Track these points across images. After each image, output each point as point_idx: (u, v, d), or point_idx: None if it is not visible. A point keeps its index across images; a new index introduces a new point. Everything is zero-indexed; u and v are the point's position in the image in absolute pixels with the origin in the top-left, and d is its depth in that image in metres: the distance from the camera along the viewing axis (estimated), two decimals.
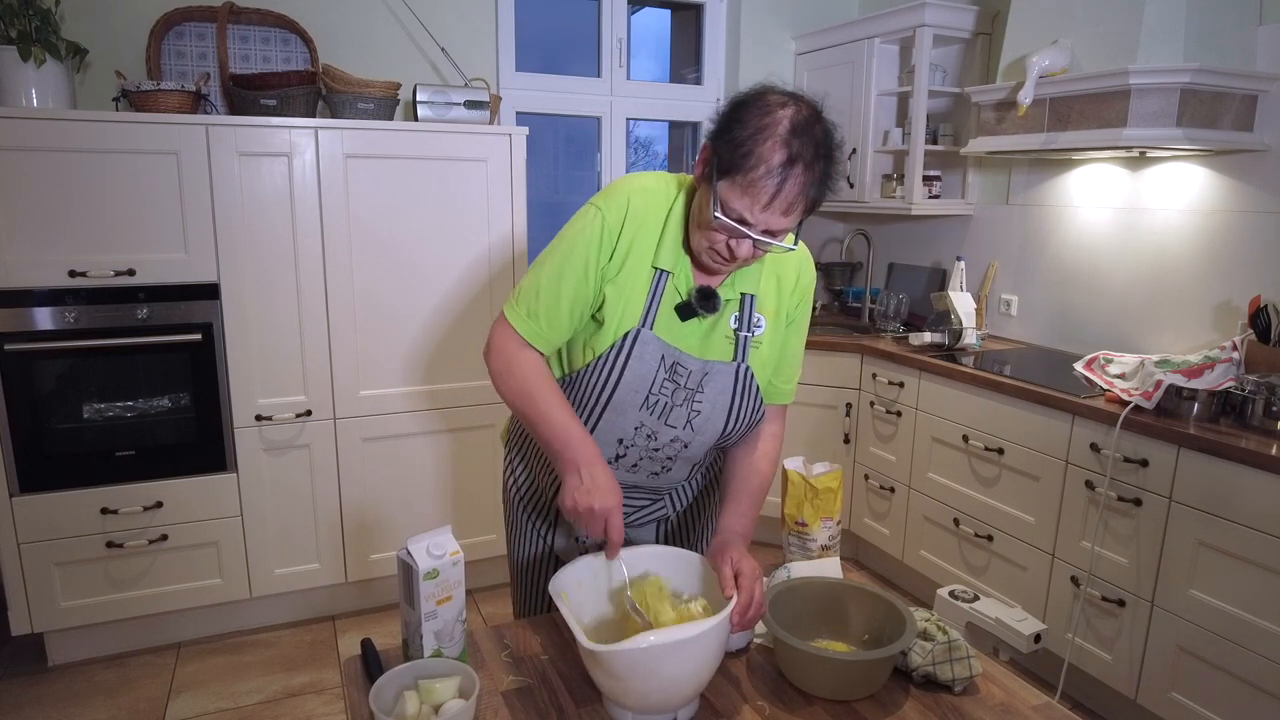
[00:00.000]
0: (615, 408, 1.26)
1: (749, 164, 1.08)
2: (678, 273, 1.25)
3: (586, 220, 1.24)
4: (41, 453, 2.31)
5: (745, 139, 1.09)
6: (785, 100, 1.12)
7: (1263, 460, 1.84)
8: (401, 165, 2.56)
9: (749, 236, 1.13)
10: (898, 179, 3.27)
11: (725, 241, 1.16)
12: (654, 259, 1.24)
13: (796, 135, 1.08)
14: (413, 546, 1.12)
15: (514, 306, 1.26)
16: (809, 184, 1.10)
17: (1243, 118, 2.31)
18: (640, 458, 1.32)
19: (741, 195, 1.10)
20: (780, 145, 1.08)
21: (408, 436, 2.73)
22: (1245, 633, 1.90)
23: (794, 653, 1.12)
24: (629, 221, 1.23)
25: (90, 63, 2.60)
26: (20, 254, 2.22)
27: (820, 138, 1.11)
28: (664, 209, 1.25)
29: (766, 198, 1.09)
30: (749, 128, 1.09)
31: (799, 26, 3.61)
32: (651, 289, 1.24)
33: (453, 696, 1.04)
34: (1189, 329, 2.54)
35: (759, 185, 1.08)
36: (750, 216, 1.11)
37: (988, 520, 2.56)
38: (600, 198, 1.25)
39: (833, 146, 1.13)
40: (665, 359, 1.25)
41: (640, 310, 1.24)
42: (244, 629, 2.71)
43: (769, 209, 1.10)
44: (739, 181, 1.10)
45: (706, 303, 1.24)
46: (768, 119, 1.09)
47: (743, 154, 1.09)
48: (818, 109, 1.14)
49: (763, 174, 1.08)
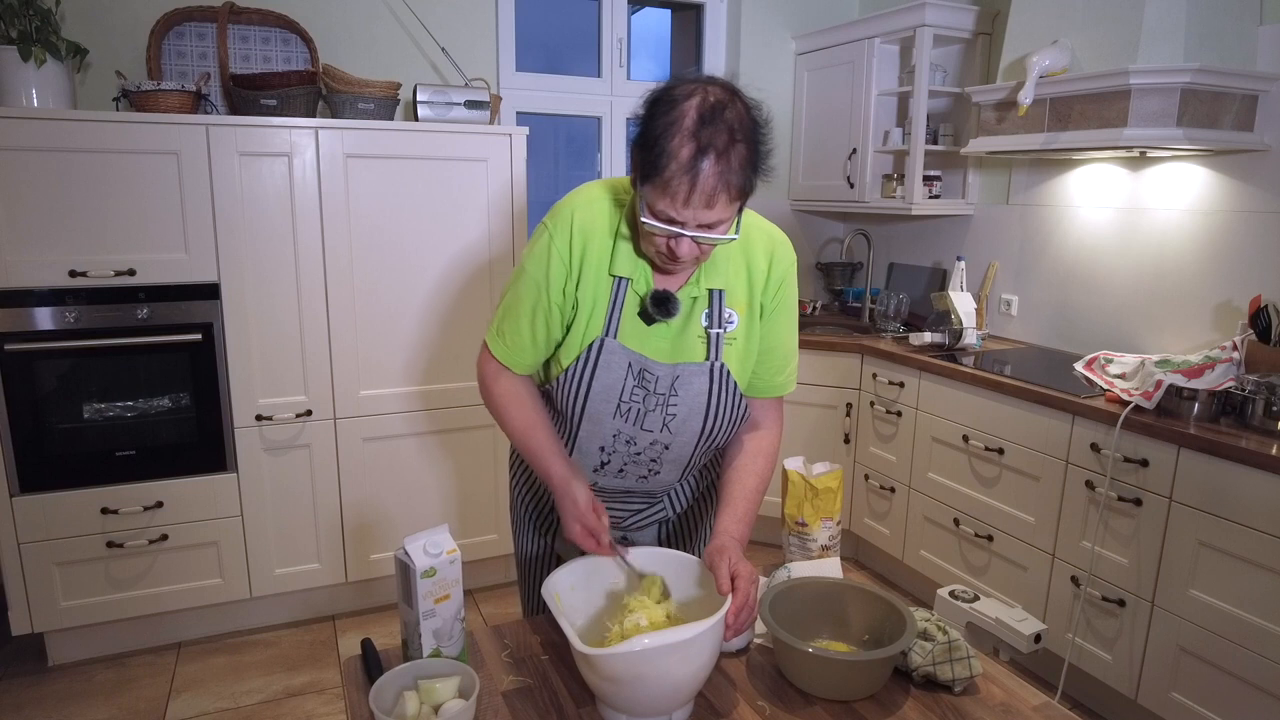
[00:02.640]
0: (590, 418, 1.27)
1: (662, 163, 1.06)
2: (637, 278, 1.24)
3: (539, 243, 1.25)
4: (42, 453, 2.31)
5: (656, 138, 1.07)
6: (693, 89, 1.08)
7: (1263, 460, 1.84)
8: (402, 165, 2.56)
9: (684, 234, 1.11)
10: (898, 179, 3.26)
11: (665, 243, 1.14)
12: (610, 267, 1.23)
13: (705, 124, 1.05)
14: (410, 545, 1.12)
15: (490, 332, 1.31)
16: (726, 171, 1.06)
17: (1243, 118, 2.31)
18: (625, 463, 1.33)
19: (662, 195, 1.08)
20: (688, 138, 1.05)
21: (408, 436, 2.73)
22: (1245, 633, 1.90)
23: (794, 653, 1.12)
24: (576, 236, 1.22)
25: (90, 63, 2.60)
26: (20, 254, 2.22)
27: (734, 122, 1.07)
28: (612, 217, 1.24)
29: (684, 194, 1.06)
30: (658, 125, 1.07)
31: (799, 26, 3.61)
32: (612, 297, 1.24)
33: (453, 696, 1.04)
34: (1189, 329, 2.54)
35: (674, 183, 1.06)
36: (677, 215, 1.09)
37: (988, 520, 2.56)
38: (549, 217, 1.26)
39: (753, 126, 1.09)
40: (632, 366, 1.25)
41: (603, 319, 1.24)
42: (244, 629, 2.71)
43: (689, 205, 1.07)
44: (657, 183, 1.08)
45: (661, 307, 1.22)
46: (674, 113, 1.06)
47: (656, 154, 1.06)
48: (731, 90, 1.10)
49: (675, 171, 1.05)
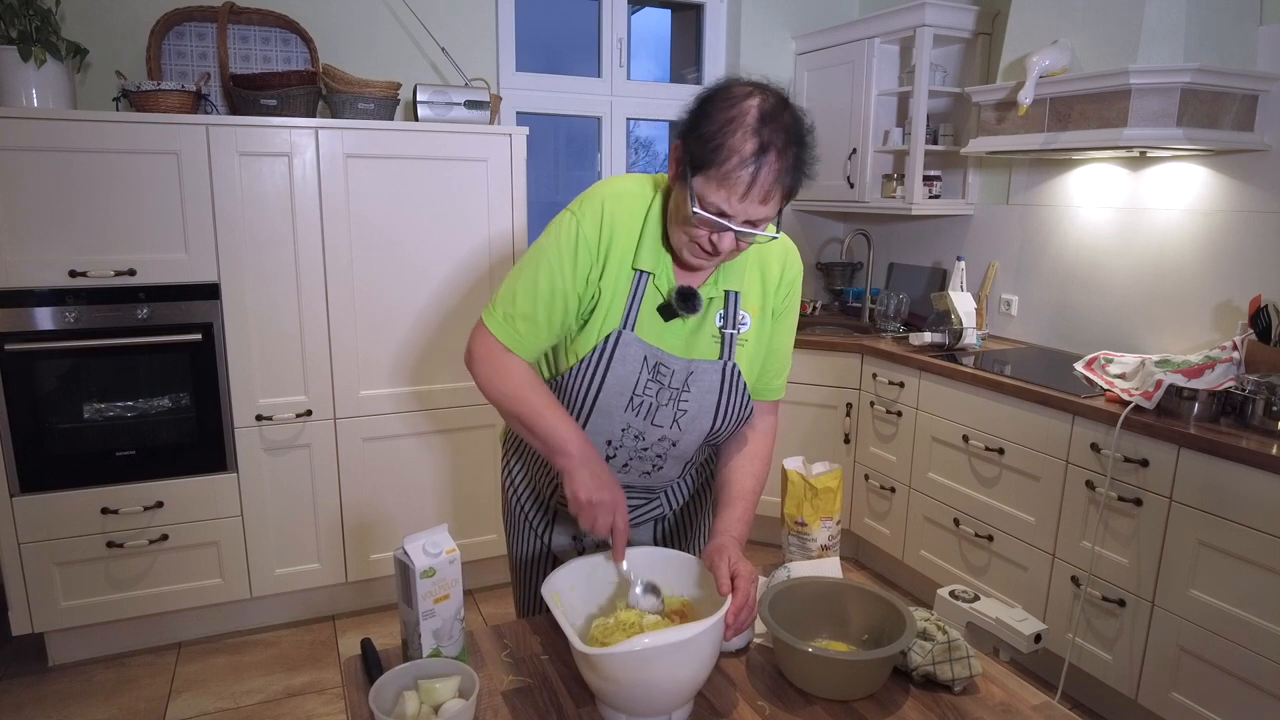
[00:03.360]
0: (601, 410, 1.27)
1: (722, 156, 1.08)
2: (659, 273, 1.25)
3: (563, 227, 1.24)
4: (42, 452, 2.31)
5: (715, 132, 1.09)
6: (751, 90, 1.12)
7: (1263, 460, 1.84)
8: (402, 165, 2.56)
9: (730, 229, 1.13)
10: (898, 179, 3.26)
11: (707, 236, 1.16)
12: (634, 261, 1.24)
13: (765, 123, 1.08)
14: (409, 545, 1.12)
15: (491, 313, 1.27)
16: (783, 171, 1.10)
17: (1243, 117, 2.31)
18: (630, 458, 1.33)
19: (718, 188, 1.10)
20: (751, 134, 1.08)
21: (408, 436, 2.73)
22: (1245, 633, 1.90)
23: (794, 653, 1.12)
24: (605, 225, 1.23)
25: (90, 63, 2.60)
26: (21, 254, 2.22)
27: (789, 124, 1.10)
28: (641, 211, 1.25)
29: (743, 188, 1.09)
30: (717, 121, 1.09)
31: (799, 26, 3.61)
32: (632, 291, 1.25)
33: (453, 696, 1.04)
34: (1189, 329, 2.54)
35: (734, 176, 1.08)
36: (729, 208, 1.11)
37: (988, 520, 2.56)
38: (576, 204, 1.26)
39: (803, 132, 1.13)
40: (648, 360, 1.25)
41: (621, 312, 1.24)
42: (244, 629, 2.71)
43: (746, 199, 1.10)
44: (714, 175, 1.10)
45: (686, 303, 1.24)
46: (735, 110, 1.09)
47: (714, 147, 1.09)
48: (784, 96, 1.13)
49: (736, 164, 1.08)
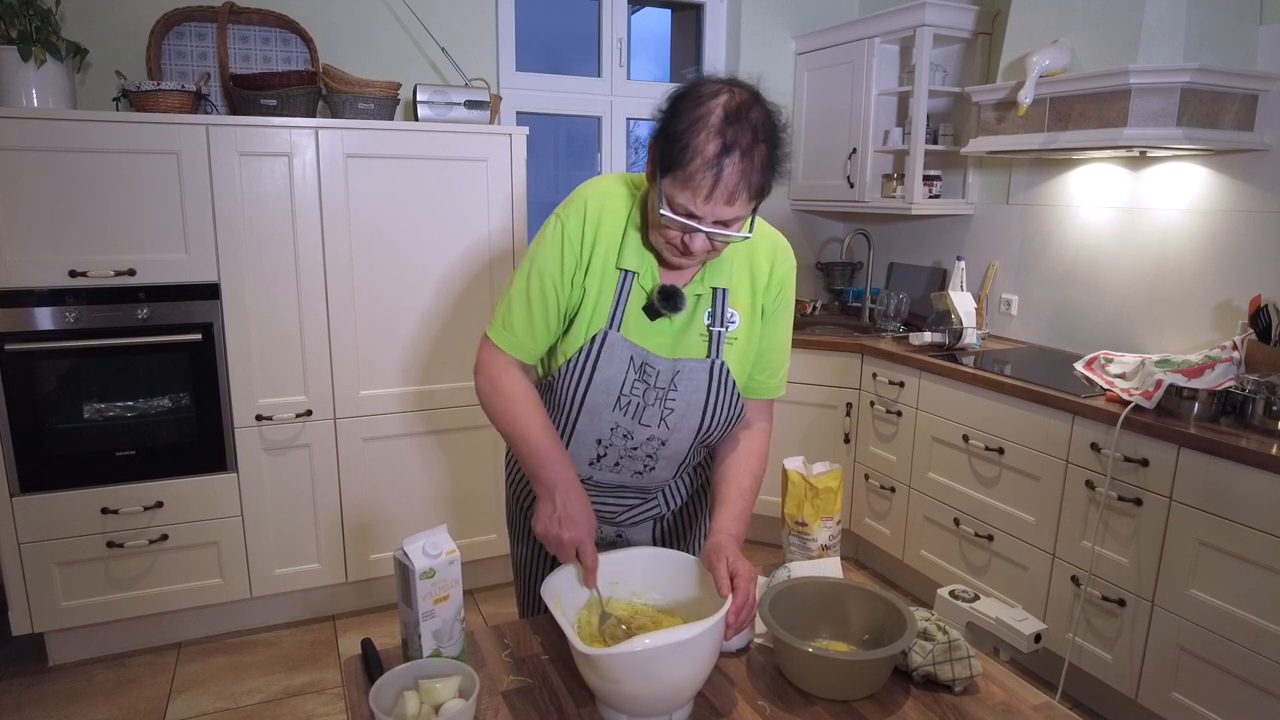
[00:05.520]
0: (589, 410, 1.28)
1: (686, 157, 1.08)
2: (643, 272, 1.25)
3: (549, 231, 1.26)
4: (42, 452, 2.31)
5: (681, 132, 1.09)
6: (719, 88, 1.11)
7: (1263, 460, 1.84)
8: (402, 165, 2.56)
9: (700, 230, 1.13)
10: (898, 179, 3.26)
11: (679, 237, 1.16)
12: (618, 260, 1.25)
13: (731, 123, 1.08)
14: (409, 546, 1.12)
15: (492, 322, 1.30)
16: (749, 170, 1.09)
17: (1243, 117, 2.31)
18: (620, 457, 1.33)
19: (683, 189, 1.10)
20: (714, 135, 1.07)
21: (408, 436, 2.73)
22: (1245, 632, 1.90)
23: (794, 653, 1.12)
24: (588, 226, 1.24)
25: (90, 63, 2.60)
26: (20, 254, 2.22)
27: (758, 122, 1.10)
28: (624, 210, 1.25)
29: (706, 189, 1.09)
30: (684, 120, 1.09)
31: (799, 26, 3.61)
32: (617, 290, 1.25)
33: (453, 696, 1.04)
34: (1189, 329, 2.54)
35: (698, 178, 1.08)
36: (695, 209, 1.11)
37: (988, 520, 2.56)
38: (561, 207, 1.27)
39: (774, 129, 1.12)
40: (634, 360, 1.26)
41: (608, 312, 1.25)
42: (244, 629, 2.71)
43: (710, 200, 1.10)
44: (679, 176, 1.10)
45: (669, 302, 1.24)
46: (701, 110, 1.09)
47: (680, 148, 1.09)
48: (754, 93, 1.13)
49: (699, 166, 1.08)
